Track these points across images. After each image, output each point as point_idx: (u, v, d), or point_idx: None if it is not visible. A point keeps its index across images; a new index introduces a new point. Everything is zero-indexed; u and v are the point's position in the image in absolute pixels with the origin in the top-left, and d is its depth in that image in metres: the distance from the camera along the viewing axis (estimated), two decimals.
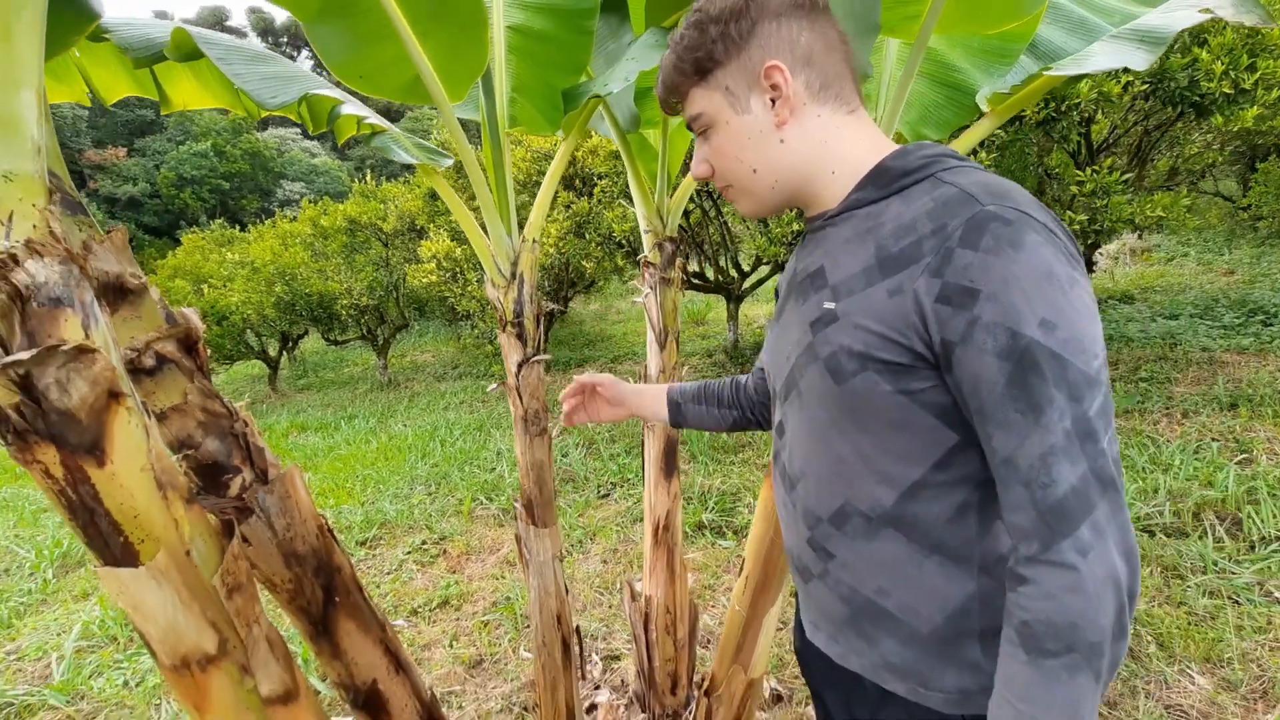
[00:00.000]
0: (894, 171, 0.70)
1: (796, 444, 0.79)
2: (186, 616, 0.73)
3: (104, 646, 2.80)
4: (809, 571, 0.81)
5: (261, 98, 1.09)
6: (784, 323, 0.81)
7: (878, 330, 0.65)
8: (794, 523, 0.81)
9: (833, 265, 0.72)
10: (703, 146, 0.78)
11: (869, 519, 0.72)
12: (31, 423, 0.62)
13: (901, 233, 0.66)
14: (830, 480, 0.74)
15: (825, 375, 0.70)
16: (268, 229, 10.67)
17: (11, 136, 0.61)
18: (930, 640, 0.72)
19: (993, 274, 0.58)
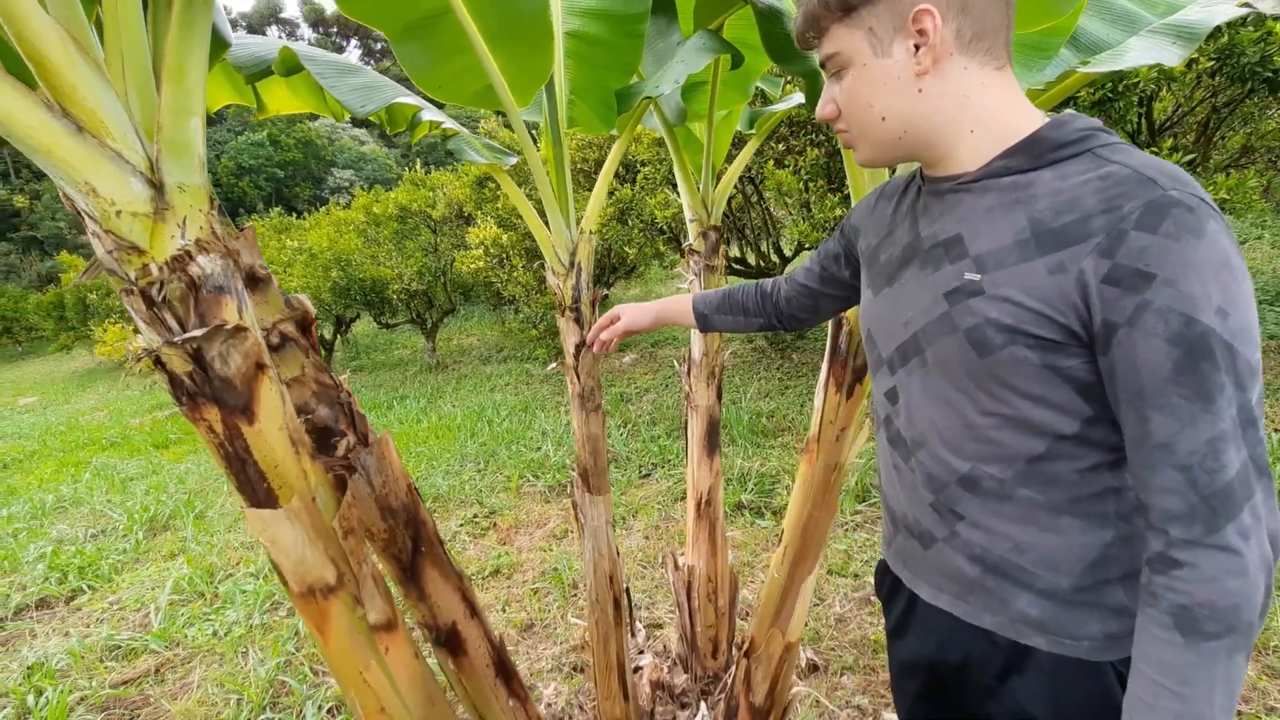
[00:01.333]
0: (1050, 142, 0.68)
1: (916, 410, 0.79)
2: (313, 552, 0.88)
3: (193, 601, 3.09)
4: (930, 536, 0.81)
5: (353, 106, 1.22)
6: (901, 289, 0.80)
7: (1032, 306, 0.65)
8: (913, 488, 0.81)
9: (973, 235, 0.71)
10: (833, 86, 0.76)
11: (1002, 481, 0.72)
12: (200, 387, 0.77)
13: (1062, 208, 0.64)
14: (959, 445, 0.74)
15: (966, 346, 0.70)
16: (323, 216, 11.10)
17: (184, 156, 0.75)
18: (1072, 592, 0.72)
19: (1170, 259, 0.58)
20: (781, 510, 3.49)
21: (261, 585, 3.14)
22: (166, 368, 0.76)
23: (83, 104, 0.67)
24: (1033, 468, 0.71)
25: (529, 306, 7.06)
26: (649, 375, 6.73)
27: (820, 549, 1.62)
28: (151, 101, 0.75)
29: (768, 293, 1.17)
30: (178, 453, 6.24)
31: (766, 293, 1.17)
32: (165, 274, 0.72)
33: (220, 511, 4.36)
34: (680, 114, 1.88)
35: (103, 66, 0.69)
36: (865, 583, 2.74)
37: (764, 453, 4.28)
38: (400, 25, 1.13)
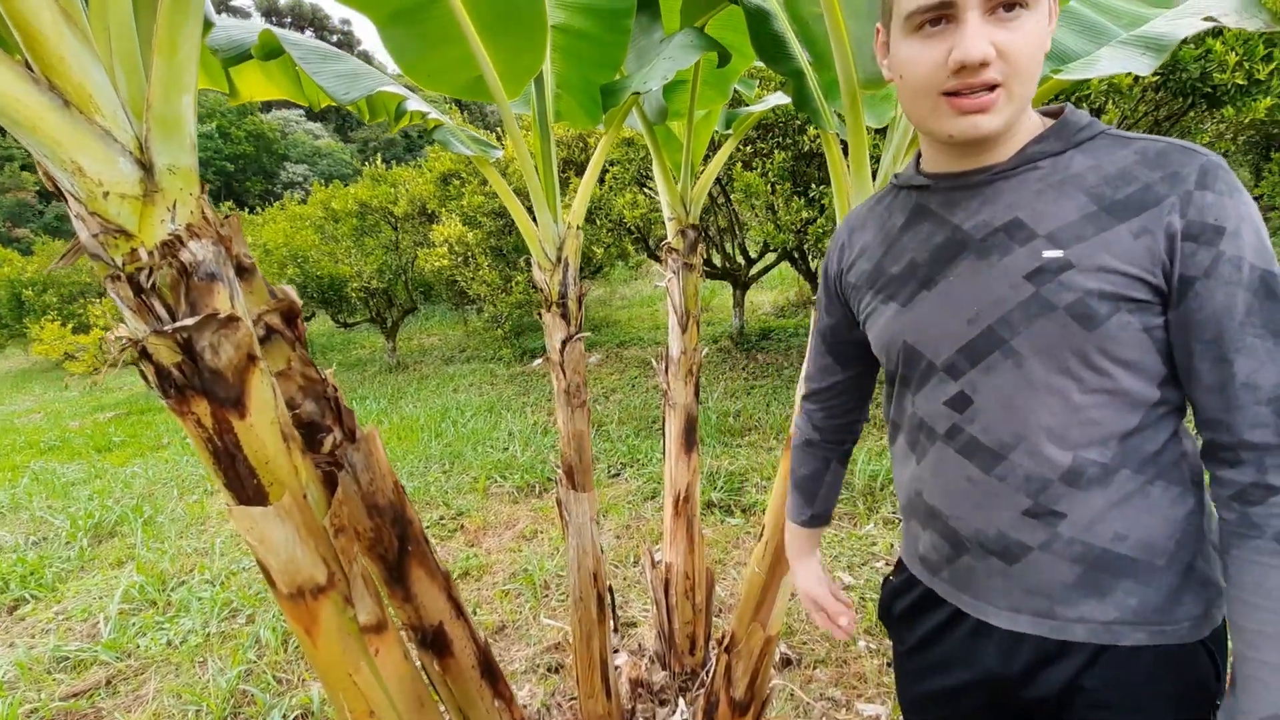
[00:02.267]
0: (1074, 126, 0.72)
1: (1003, 410, 0.74)
2: (304, 551, 0.85)
3: (145, 609, 2.95)
4: (1021, 546, 0.75)
5: (336, 94, 1.19)
6: (952, 286, 0.76)
7: (1127, 270, 0.66)
8: (1000, 497, 0.75)
9: (1035, 216, 0.70)
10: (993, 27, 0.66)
11: (1104, 465, 0.71)
12: (190, 379, 0.73)
13: (1116, 180, 0.68)
14: (1063, 434, 0.72)
15: (1069, 322, 0.68)
16: (277, 211, 10.75)
17: (175, 134, 0.72)
18: (1168, 570, 0.72)
19: (1230, 214, 0.64)
20: (750, 508, 3.53)
21: (218, 592, 3.02)
22: (153, 358, 0.72)
23: (70, 77, 0.63)
24: (1127, 444, 0.71)
25: (494, 306, 6.98)
26: (615, 375, 6.72)
27: None
28: (139, 77, 0.71)
29: (811, 440, 1.08)
30: (121, 456, 5.95)
31: (811, 440, 1.08)
32: (155, 259, 0.69)
33: (171, 516, 4.18)
34: (661, 112, 1.89)
35: (91, 39, 0.66)
36: (835, 578, 2.79)
37: (732, 451, 4.32)
38: (388, 11, 1.11)
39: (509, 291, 6.73)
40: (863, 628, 2.44)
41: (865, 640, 2.38)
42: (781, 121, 4.79)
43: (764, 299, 9.21)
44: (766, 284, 9.63)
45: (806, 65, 1.40)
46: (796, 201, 4.85)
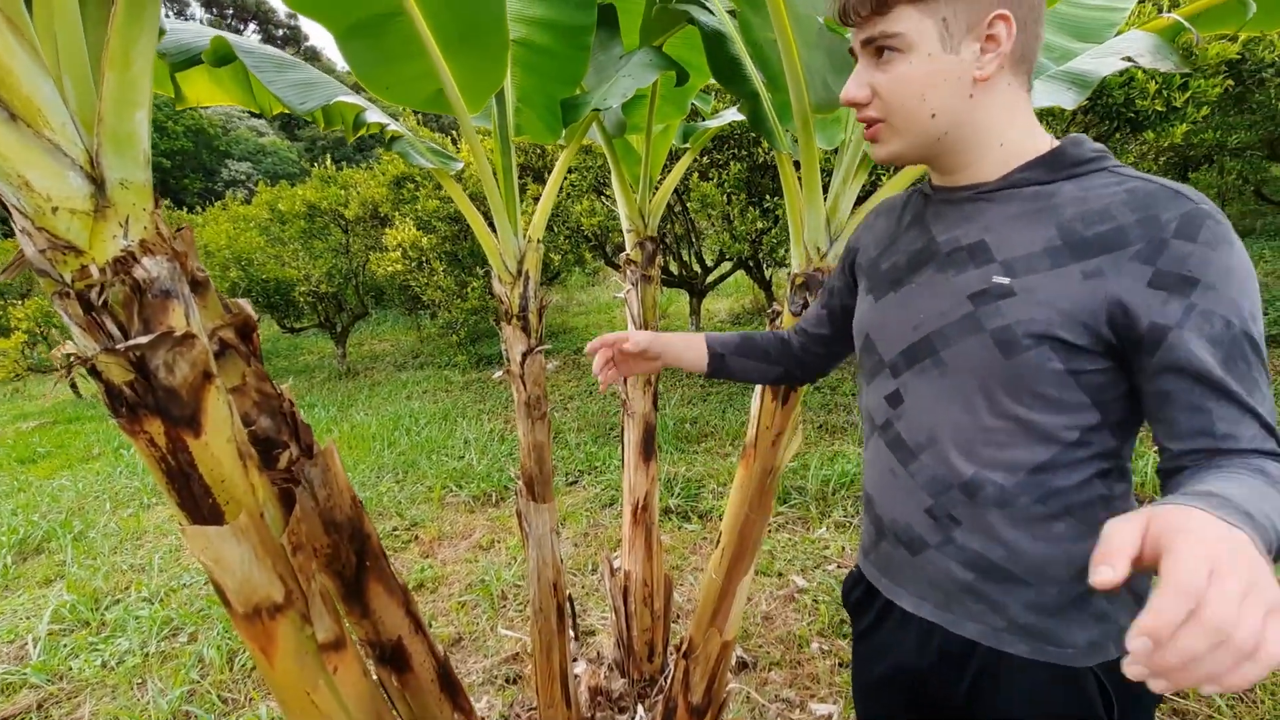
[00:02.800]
0: (1071, 157, 0.72)
1: (922, 413, 0.78)
2: (260, 570, 0.83)
3: (77, 630, 2.80)
4: (922, 542, 0.80)
5: (291, 103, 1.17)
6: (910, 292, 0.80)
7: (1065, 310, 0.66)
8: (910, 492, 0.80)
9: (999, 241, 0.72)
10: (873, 71, 0.72)
11: (1003, 488, 0.73)
12: (142, 398, 0.72)
13: (1092, 218, 0.67)
14: (968, 449, 0.74)
15: (991, 347, 0.70)
16: (219, 212, 10.35)
17: (128, 150, 0.70)
18: (1059, 599, 0.73)
19: (1212, 266, 0.62)
20: (707, 513, 3.57)
21: (157, 610, 2.89)
22: (103, 377, 0.71)
23: (16, 89, 0.62)
24: (1034, 477, 0.72)
25: (449, 312, 6.87)
26: (573, 382, 6.71)
27: (756, 550, 1.68)
28: (88, 90, 0.70)
29: (786, 339, 1.12)
30: (48, 468, 5.62)
31: (785, 339, 1.12)
32: (107, 276, 0.67)
33: (104, 531, 3.97)
34: (620, 126, 1.92)
35: (39, 50, 0.64)
36: (788, 581, 2.85)
37: (689, 458, 4.37)
38: (347, 23, 1.10)
39: (464, 298, 6.65)
40: (815, 629, 2.50)
41: (818, 642, 2.44)
42: (737, 134, 4.88)
43: (720, 306, 9.33)
44: (722, 291, 9.76)
45: (761, 87, 1.45)
46: (752, 212, 4.96)
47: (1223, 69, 3.20)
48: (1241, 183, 5.46)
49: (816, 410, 4.88)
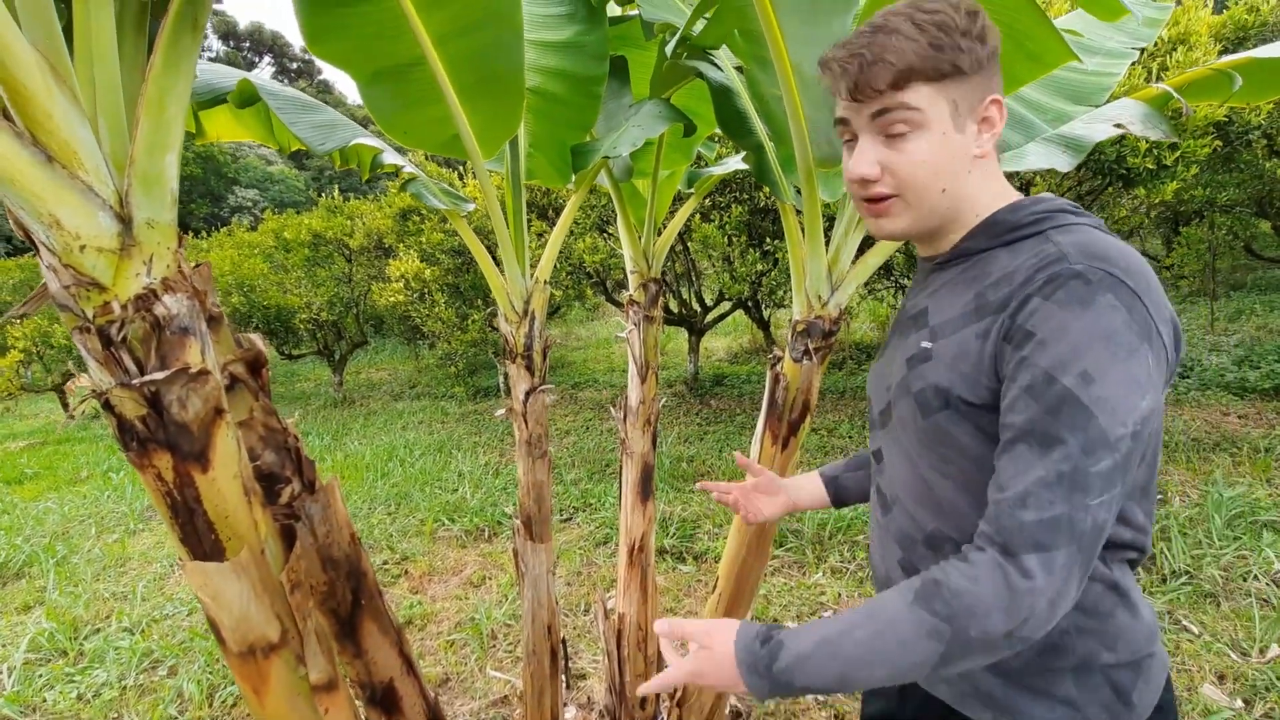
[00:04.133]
0: (1004, 224, 0.73)
1: (893, 469, 0.83)
2: (258, 608, 0.83)
3: (54, 660, 2.73)
4: None
5: (312, 144, 1.21)
6: (887, 357, 0.87)
7: (963, 370, 0.70)
8: (888, 544, 0.85)
9: (936, 307, 0.77)
10: (879, 147, 0.72)
11: (957, 542, 0.74)
12: (153, 433, 0.72)
13: (1002, 282, 0.69)
14: (922, 505, 0.78)
15: (914, 408, 0.75)
16: (224, 237, 10.46)
17: (156, 191, 0.72)
18: (1022, 673, 0.73)
19: (1050, 323, 0.62)
20: (703, 555, 3.53)
21: (137, 641, 2.82)
22: (116, 410, 0.71)
23: (56, 133, 0.64)
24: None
25: (448, 343, 6.89)
26: (569, 417, 6.69)
27: (753, 595, 1.67)
28: (122, 132, 0.72)
29: None
30: (34, 490, 5.55)
31: None
32: (128, 313, 0.69)
33: (87, 557, 3.90)
34: (627, 171, 1.96)
35: (79, 96, 0.67)
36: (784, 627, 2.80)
37: (684, 498, 4.34)
38: (371, 70, 1.14)
39: (464, 330, 6.68)
40: None
41: None
42: (739, 179, 4.99)
43: (718, 345, 9.38)
44: (721, 330, 9.82)
45: (766, 140, 1.49)
46: (752, 254, 5.03)
47: (1211, 130, 3.30)
48: (1232, 238, 5.58)
49: (814, 453, 4.87)
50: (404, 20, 1.07)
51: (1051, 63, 1.15)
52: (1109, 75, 1.49)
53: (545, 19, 1.64)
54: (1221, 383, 5.14)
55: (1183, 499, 3.47)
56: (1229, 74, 1.08)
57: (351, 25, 1.08)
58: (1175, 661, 2.28)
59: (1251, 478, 3.59)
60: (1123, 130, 1.16)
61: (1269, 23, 3.79)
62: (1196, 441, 4.15)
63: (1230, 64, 1.11)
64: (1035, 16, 1.08)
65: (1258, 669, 2.20)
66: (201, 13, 0.73)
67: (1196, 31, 3.19)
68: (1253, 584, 2.66)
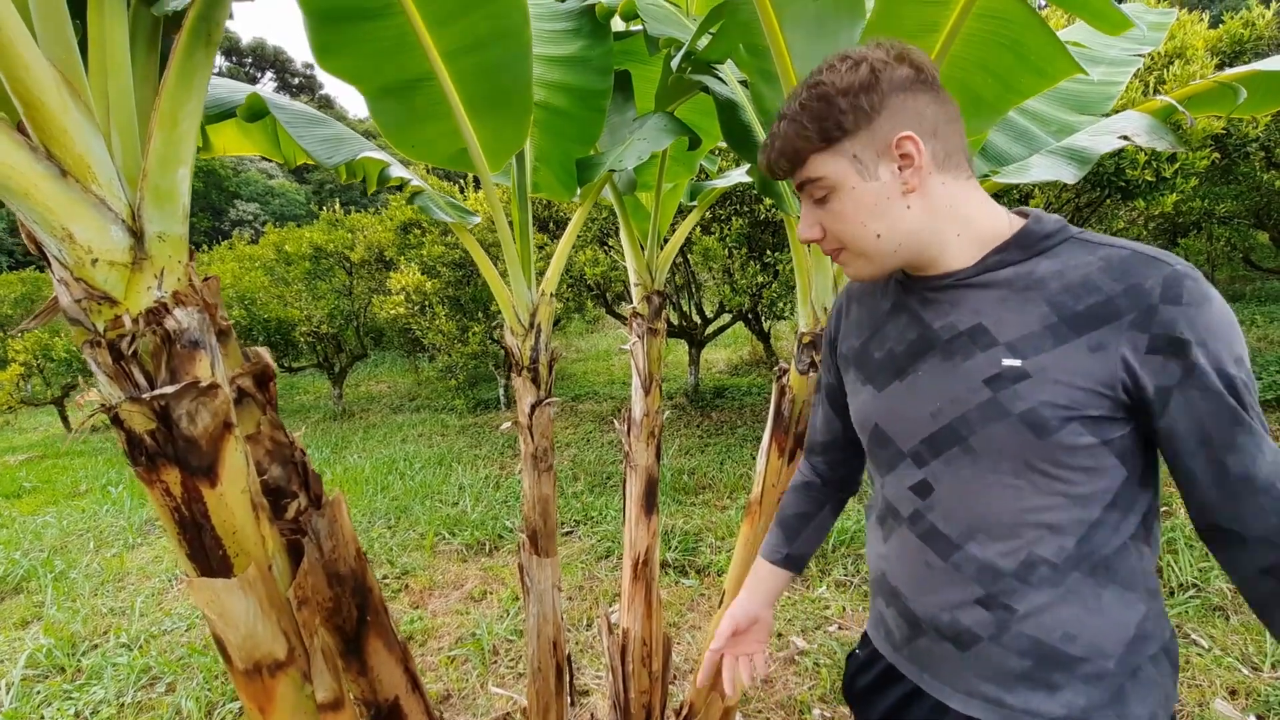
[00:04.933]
0: (1036, 234, 0.76)
1: (958, 502, 0.78)
2: (265, 625, 0.82)
3: (52, 676, 2.70)
4: (971, 635, 0.78)
5: (320, 158, 1.21)
6: (918, 381, 0.81)
7: (1083, 385, 0.69)
8: (957, 584, 0.79)
9: (997, 324, 0.75)
10: (813, 210, 0.79)
11: (1055, 565, 0.74)
12: (163, 447, 0.72)
13: (1079, 291, 0.71)
14: (1015, 532, 0.75)
15: (1023, 429, 0.72)
16: (225, 251, 10.48)
17: (168, 205, 0.72)
18: (1116, 673, 0.74)
19: (1198, 325, 0.66)
20: (706, 569, 3.51)
21: (136, 657, 2.79)
22: (125, 425, 0.71)
23: (70, 148, 0.64)
24: (1082, 547, 0.74)
25: (449, 356, 6.89)
26: (570, 429, 6.68)
27: None
28: (134, 146, 0.72)
29: (810, 481, 1.10)
30: (33, 503, 5.52)
31: (809, 482, 1.10)
32: (139, 327, 0.68)
33: (86, 571, 3.87)
34: (630, 185, 1.97)
35: (93, 111, 0.67)
36: (788, 642, 2.78)
37: (686, 510, 4.32)
38: (379, 85, 1.15)
39: (465, 342, 6.68)
40: (817, 695, 2.43)
41: (819, 708, 2.37)
42: (740, 191, 5.01)
43: (719, 357, 9.38)
44: (721, 342, 9.82)
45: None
46: (752, 266, 5.04)
47: (1209, 143, 3.32)
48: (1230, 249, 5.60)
49: None
50: (413, 36, 1.07)
51: (1056, 76, 1.16)
52: (1113, 84, 1.50)
53: (551, 34, 1.66)
54: None
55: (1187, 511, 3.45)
56: (1233, 87, 1.09)
57: (361, 41, 1.09)
58: (1185, 676, 2.26)
59: None
60: (1129, 142, 1.16)
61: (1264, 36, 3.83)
62: None
63: (1233, 76, 1.11)
64: (1039, 31, 1.09)
65: (1270, 683, 2.17)
66: (215, 29, 0.74)
67: (1193, 45, 3.22)
68: None
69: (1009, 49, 1.14)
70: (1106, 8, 1.04)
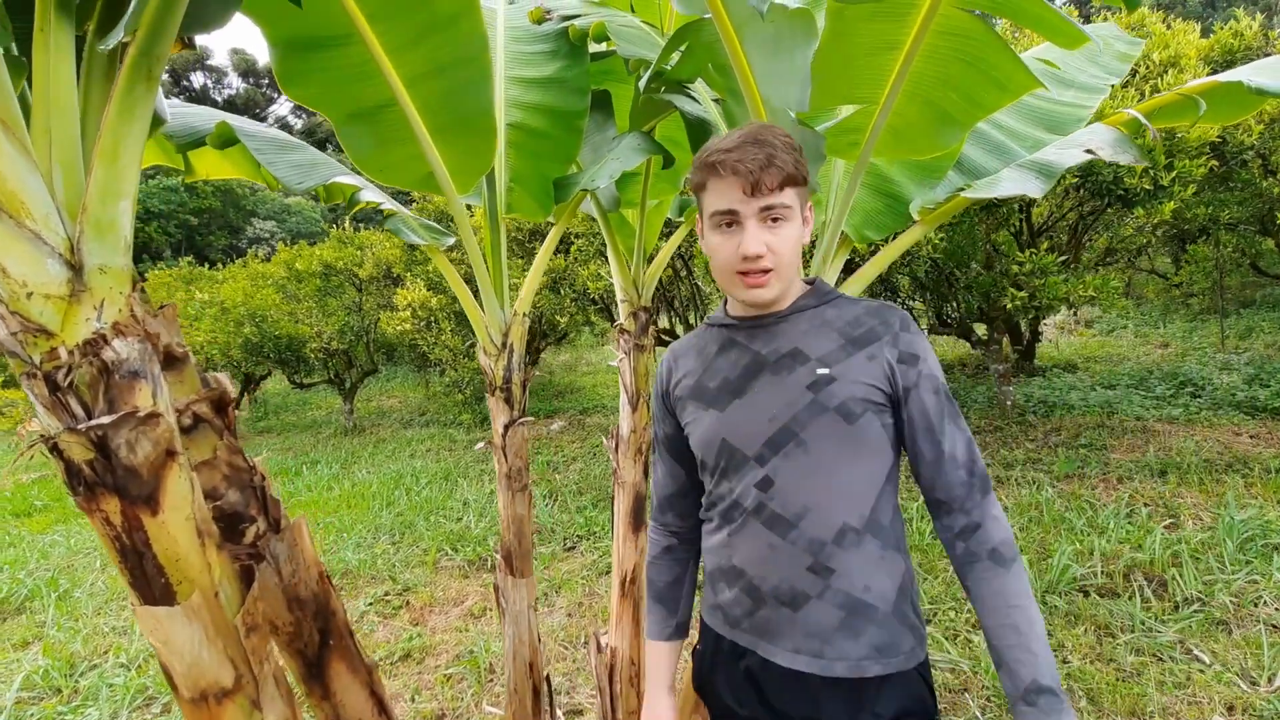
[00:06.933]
0: (824, 290, 1.07)
1: (793, 487, 0.98)
2: (210, 653, 0.82)
3: (47, 698, 2.72)
4: (804, 596, 0.97)
5: (290, 183, 1.23)
6: (755, 397, 1.01)
7: (868, 382, 0.97)
8: (792, 558, 0.97)
9: (809, 346, 1.00)
10: (765, 231, 0.95)
11: (858, 531, 0.96)
12: (101, 477, 0.72)
13: (853, 324, 1.01)
14: (835, 506, 0.96)
15: (838, 419, 0.96)
16: (239, 269, 10.64)
17: (109, 237, 0.73)
18: (893, 615, 0.97)
19: (921, 347, 0.99)
20: None
21: (133, 678, 2.81)
22: (64, 455, 0.71)
23: (3, 186, 0.65)
24: (872, 515, 0.97)
25: (455, 370, 6.93)
26: (576, 444, 6.67)
27: None
28: (77, 180, 0.74)
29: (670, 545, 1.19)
30: (43, 522, 5.60)
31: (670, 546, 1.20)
32: (75, 358, 0.69)
33: (90, 590, 3.91)
34: (614, 201, 1.98)
35: (29, 147, 0.68)
36: None
37: None
38: (345, 112, 1.16)
39: (471, 357, 6.71)
40: None
41: None
42: None
43: None
44: None
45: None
46: None
47: (1206, 150, 3.28)
48: (1239, 255, 5.51)
49: None
50: (374, 64, 1.09)
51: (1017, 90, 1.15)
52: (1083, 107, 1.50)
53: (528, 56, 1.68)
54: (1232, 402, 5.03)
55: (1195, 522, 3.38)
56: (1193, 99, 1.07)
57: (323, 69, 1.10)
58: (1185, 694, 2.20)
59: (1263, 499, 3.49)
60: (1093, 156, 1.15)
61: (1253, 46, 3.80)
62: (1208, 463, 4.06)
63: (1195, 89, 1.10)
64: (998, 47, 1.08)
65: (1265, 699, 2.11)
66: (156, 64, 0.75)
67: (1186, 55, 3.19)
68: (1263, 609, 2.57)
69: (970, 65, 1.14)
70: (1062, 23, 1.04)
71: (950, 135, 1.26)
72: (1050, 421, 5.18)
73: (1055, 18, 1.04)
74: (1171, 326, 8.28)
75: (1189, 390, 5.48)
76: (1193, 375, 5.76)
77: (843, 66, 1.11)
